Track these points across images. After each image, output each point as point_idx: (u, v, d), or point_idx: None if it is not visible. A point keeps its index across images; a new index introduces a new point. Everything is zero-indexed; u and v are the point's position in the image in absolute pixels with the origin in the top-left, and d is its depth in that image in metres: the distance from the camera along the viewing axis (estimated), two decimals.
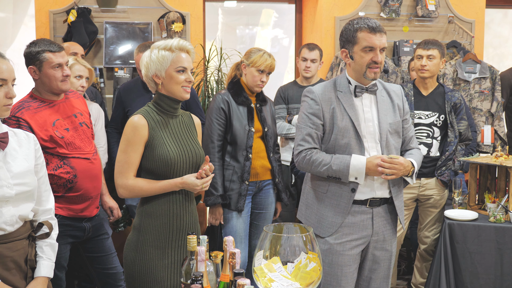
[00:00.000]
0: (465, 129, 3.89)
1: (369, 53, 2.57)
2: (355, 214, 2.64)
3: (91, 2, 4.63)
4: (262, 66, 3.38)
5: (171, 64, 2.40)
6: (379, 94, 2.70)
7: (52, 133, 2.80)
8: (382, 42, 2.57)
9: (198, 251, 1.78)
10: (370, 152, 2.61)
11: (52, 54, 2.84)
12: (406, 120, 2.78)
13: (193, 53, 2.49)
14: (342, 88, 2.66)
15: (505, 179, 3.61)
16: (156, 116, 2.43)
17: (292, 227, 1.93)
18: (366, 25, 2.57)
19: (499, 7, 6.04)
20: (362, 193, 2.62)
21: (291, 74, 5.79)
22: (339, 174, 2.56)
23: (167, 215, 2.43)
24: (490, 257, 3.40)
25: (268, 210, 3.59)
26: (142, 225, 2.44)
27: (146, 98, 3.85)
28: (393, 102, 2.72)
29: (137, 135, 2.37)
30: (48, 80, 2.85)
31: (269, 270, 1.77)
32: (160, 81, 2.42)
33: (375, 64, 2.57)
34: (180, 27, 4.60)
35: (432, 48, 3.83)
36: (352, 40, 2.61)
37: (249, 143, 3.39)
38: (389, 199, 2.69)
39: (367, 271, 2.74)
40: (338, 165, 2.55)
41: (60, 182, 2.81)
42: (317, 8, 5.12)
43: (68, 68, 2.93)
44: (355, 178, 2.55)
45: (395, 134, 2.69)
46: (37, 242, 2.20)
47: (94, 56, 4.66)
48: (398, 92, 2.77)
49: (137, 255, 2.43)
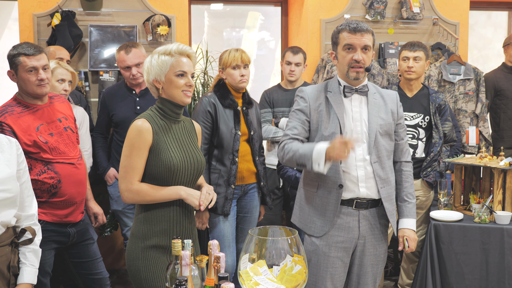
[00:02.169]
0: (449, 130, 3.92)
1: (350, 52, 2.62)
2: (341, 215, 2.65)
3: (75, 5, 4.60)
4: (234, 62, 3.40)
5: (171, 69, 2.40)
6: (371, 96, 2.72)
7: (36, 138, 2.77)
8: (363, 41, 2.61)
9: (183, 255, 1.77)
10: (356, 151, 2.62)
11: (26, 57, 2.78)
12: (400, 124, 2.80)
13: (194, 57, 2.50)
14: (332, 89, 2.70)
15: (489, 180, 3.63)
16: (159, 121, 2.43)
17: (277, 230, 1.92)
18: (347, 26, 2.63)
19: (483, 9, 6.09)
20: (348, 191, 2.63)
21: (277, 77, 5.79)
22: (304, 159, 2.50)
23: (167, 221, 2.42)
24: (475, 257, 3.42)
25: (253, 213, 3.58)
26: (142, 231, 2.42)
27: (130, 102, 3.84)
28: (387, 105, 2.74)
29: (142, 139, 2.36)
30: (23, 84, 2.82)
31: (255, 274, 1.76)
32: (160, 86, 2.43)
33: (356, 63, 2.61)
34: (165, 30, 4.59)
35: (418, 50, 3.86)
36: (336, 41, 2.69)
37: (236, 146, 3.38)
38: (378, 201, 2.70)
39: (355, 276, 2.75)
40: (304, 149, 2.52)
41: (44, 187, 2.78)
42: (302, 11, 5.13)
43: (45, 71, 2.85)
44: (317, 165, 2.45)
45: (386, 136, 2.70)
46: (20, 248, 2.17)
47: (79, 60, 4.63)
48: (393, 97, 2.80)
49: (141, 263, 2.40)
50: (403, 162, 2.82)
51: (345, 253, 2.68)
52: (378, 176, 2.65)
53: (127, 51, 3.81)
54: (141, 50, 3.87)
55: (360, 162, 2.64)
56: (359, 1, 5.03)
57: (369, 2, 4.99)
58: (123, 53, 3.81)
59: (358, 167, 2.63)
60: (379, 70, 4.75)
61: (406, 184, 2.81)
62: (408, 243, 2.75)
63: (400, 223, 2.80)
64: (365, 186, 2.64)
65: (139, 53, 3.83)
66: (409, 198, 2.80)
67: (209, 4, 5.61)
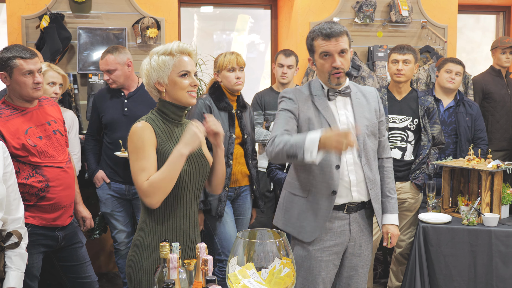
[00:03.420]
0: (438, 133, 3.94)
1: (327, 59, 2.56)
2: (333, 220, 2.64)
3: (64, 7, 4.58)
4: (229, 64, 3.42)
5: (173, 69, 2.25)
6: (354, 96, 2.70)
7: (24, 141, 2.76)
8: (339, 46, 2.54)
9: (170, 258, 1.77)
10: (346, 155, 2.61)
11: (23, 60, 2.79)
12: (382, 122, 2.79)
13: (195, 55, 2.36)
14: (316, 92, 2.66)
15: (477, 182, 3.66)
16: (162, 125, 2.28)
17: (265, 233, 1.92)
18: (320, 32, 2.55)
19: (471, 12, 6.14)
20: (340, 197, 2.62)
21: (267, 80, 5.80)
22: (295, 149, 2.37)
23: (173, 231, 2.28)
24: (463, 259, 3.44)
25: (246, 216, 3.61)
26: (148, 243, 2.27)
27: (118, 103, 3.83)
28: (370, 104, 2.73)
29: (145, 139, 2.20)
30: (18, 87, 2.81)
31: (243, 276, 1.76)
32: (163, 88, 2.27)
33: (336, 69, 2.56)
34: (155, 33, 4.58)
35: (408, 53, 3.88)
36: (311, 48, 2.63)
37: (230, 149, 3.40)
38: (367, 203, 2.70)
39: (345, 278, 2.75)
40: (296, 138, 2.40)
41: (32, 191, 2.76)
42: (292, 14, 5.14)
43: (41, 75, 2.88)
44: (310, 154, 2.32)
45: (372, 136, 2.70)
46: (6, 252, 2.16)
47: (67, 62, 4.61)
48: (374, 94, 2.78)
49: (143, 276, 2.25)
50: (384, 159, 2.83)
51: (337, 256, 2.69)
52: (368, 178, 2.65)
53: (102, 56, 3.81)
54: (118, 57, 3.76)
55: (351, 167, 2.62)
56: (348, 4, 5.06)
57: (358, 5, 5.02)
58: (109, 56, 3.79)
59: (350, 171, 2.62)
60: (369, 72, 4.77)
61: (388, 180, 2.81)
62: (391, 240, 2.79)
63: (384, 219, 2.80)
64: (357, 190, 2.64)
65: (111, 60, 3.75)
66: (392, 194, 2.81)
67: (199, 6, 5.61)
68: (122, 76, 3.77)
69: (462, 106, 4.33)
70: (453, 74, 4.27)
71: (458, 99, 4.34)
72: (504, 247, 3.40)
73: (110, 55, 3.76)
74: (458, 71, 4.28)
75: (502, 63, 5.07)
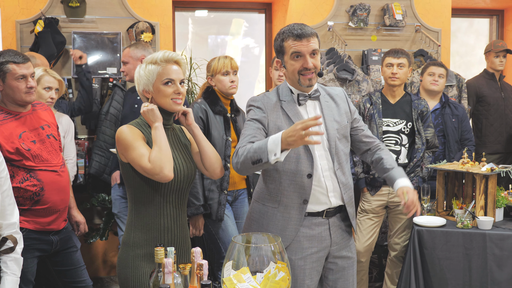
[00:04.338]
0: (431, 137, 3.96)
1: (298, 60, 2.50)
2: (313, 227, 2.58)
3: (59, 12, 4.58)
4: (223, 68, 3.44)
5: (158, 77, 2.36)
6: (322, 99, 2.63)
7: (18, 145, 2.76)
8: (310, 46, 2.49)
9: (165, 263, 1.77)
10: (320, 161, 2.55)
11: (16, 65, 2.80)
12: (356, 119, 2.72)
13: (183, 63, 2.45)
14: (285, 98, 2.59)
15: (472, 186, 3.67)
16: (148, 129, 2.39)
17: (260, 237, 1.93)
18: (291, 33, 2.50)
19: (464, 16, 6.18)
20: (319, 204, 2.57)
21: (262, 84, 5.81)
22: (259, 153, 2.28)
23: (157, 229, 2.38)
24: (458, 262, 3.45)
25: (243, 219, 3.61)
26: (133, 240, 2.38)
27: (131, 99, 3.91)
28: (338, 106, 2.66)
29: (134, 134, 2.31)
30: (11, 91, 2.81)
31: (238, 281, 1.77)
32: (150, 96, 2.40)
33: (307, 71, 2.50)
34: (149, 37, 4.58)
35: (402, 56, 3.90)
36: (281, 50, 2.56)
37: (227, 152, 3.41)
38: (343, 206, 2.65)
39: (331, 282, 2.68)
40: (258, 143, 2.32)
41: (26, 195, 2.76)
42: (286, 18, 5.16)
43: (33, 79, 2.88)
44: (274, 155, 2.23)
45: (343, 139, 2.63)
46: (1, 257, 2.15)
47: (62, 67, 4.61)
48: (342, 95, 2.71)
49: (130, 271, 2.36)
50: (376, 144, 2.75)
51: (319, 262, 2.63)
52: (341, 183, 2.59)
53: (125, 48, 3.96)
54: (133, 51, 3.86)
55: (326, 172, 2.56)
56: (342, 8, 5.07)
57: (352, 9, 5.04)
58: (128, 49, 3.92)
59: (325, 177, 2.56)
60: (363, 76, 4.78)
61: (387, 156, 2.70)
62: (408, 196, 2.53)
63: (395, 185, 2.61)
64: (334, 195, 2.58)
65: (125, 52, 3.89)
66: (394, 165, 2.67)
67: (194, 11, 5.62)
68: (133, 70, 3.81)
69: (448, 108, 4.36)
70: (436, 76, 4.32)
71: (444, 101, 4.37)
72: (498, 250, 3.41)
73: (128, 48, 3.89)
74: (440, 73, 4.31)
75: (496, 67, 5.10)
